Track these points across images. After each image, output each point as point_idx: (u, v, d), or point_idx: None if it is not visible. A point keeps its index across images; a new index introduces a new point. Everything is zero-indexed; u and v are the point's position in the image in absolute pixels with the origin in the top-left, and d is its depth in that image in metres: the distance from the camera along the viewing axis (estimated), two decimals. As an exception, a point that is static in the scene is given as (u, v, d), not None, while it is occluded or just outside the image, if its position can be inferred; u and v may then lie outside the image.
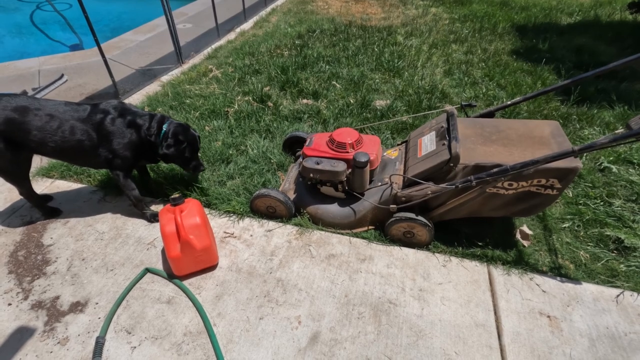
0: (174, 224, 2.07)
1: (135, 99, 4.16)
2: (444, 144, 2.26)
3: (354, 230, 2.56)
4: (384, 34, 6.10)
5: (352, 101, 4.07)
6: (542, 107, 4.00)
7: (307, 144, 2.62)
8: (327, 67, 4.84)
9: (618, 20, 6.87)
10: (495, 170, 2.01)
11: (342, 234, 2.54)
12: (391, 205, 2.38)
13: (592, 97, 4.12)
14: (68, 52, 6.71)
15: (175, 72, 4.79)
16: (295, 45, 5.49)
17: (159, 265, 2.30)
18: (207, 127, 3.51)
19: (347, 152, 2.46)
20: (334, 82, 4.43)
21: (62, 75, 4.56)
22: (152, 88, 4.40)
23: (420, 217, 2.30)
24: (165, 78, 4.66)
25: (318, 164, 2.43)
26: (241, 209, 2.65)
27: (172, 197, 2.17)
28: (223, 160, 3.10)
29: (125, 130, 2.35)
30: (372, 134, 3.40)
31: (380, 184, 2.52)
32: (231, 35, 6.15)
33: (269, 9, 7.69)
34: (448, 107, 2.51)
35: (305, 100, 4.10)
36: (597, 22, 6.86)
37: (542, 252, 2.45)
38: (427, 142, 2.44)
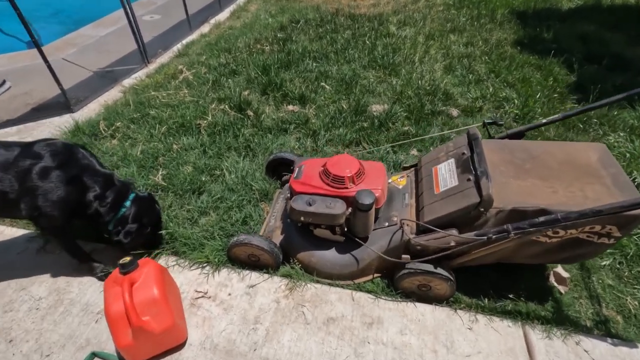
0: (122, 302, 1.55)
1: (90, 110, 3.55)
2: (469, 180, 1.79)
3: (357, 281, 2.09)
4: (375, 24, 5.54)
5: (344, 106, 3.55)
6: (557, 107, 3.56)
7: (295, 175, 2.11)
8: (314, 64, 4.28)
9: (620, 4, 6.46)
10: (541, 220, 1.55)
11: (342, 286, 2.07)
12: (403, 256, 1.91)
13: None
14: (21, 50, 5.93)
15: (140, 75, 4.16)
16: (278, 39, 4.89)
17: (111, 345, 1.79)
18: (175, 146, 2.94)
19: (347, 188, 1.97)
20: (323, 83, 3.89)
21: (4, 82, 3.89)
22: (112, 95, 3.79)
23: (440, 270, 1.84)
24: (127, 82, 4.03)
25: (310, 204, 1.93)
26: (216, 259, 2.15)
27: (121, 262, 1.66)
28: (194, 190, 2.56)
29: (62, 187, 1.79)
30: (373, 158, 2.92)
31: (387, 224, 2.05)
32: (205, 28, 5.49)
33: (247, -5, 6.99)
34: (470, 129, 2.03)
35: (290, 107, 3.56)
36: (598, 6, 6.43)
37: (583, 299, 2.03)
38: (445, 173, 1.96)
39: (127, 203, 1.95)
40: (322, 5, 6.48)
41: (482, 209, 1.67)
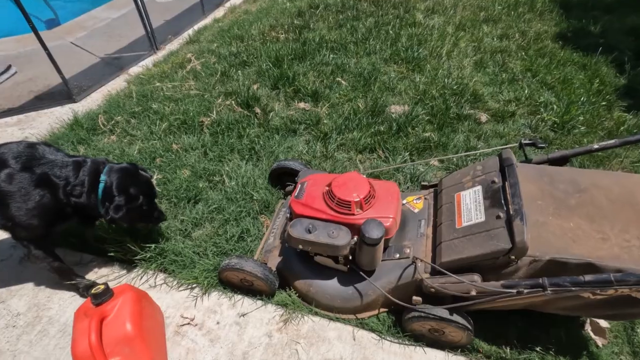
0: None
1: (93, 101, 3.39)
2: (498, 217, 1.50)
3: (360, 316, 1.86)
4: (401, 11, 5.10)
5: (360, 106, 3.25)
6: (603, 116, 3.13)
7: (296, 193, 1.87)
8: (331, 56, 3.96)
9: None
10: (587, 279, 1.26)
11: (342, 321, 1.84)
12: (414, 297, 1.65)
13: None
14: (40, 30, 5.81)
15: (147, 62, 3.96)
16: (294, 27, 4.57)
17: (85, 374, 1.64)
18: (174, 146, 2.74)
19: (353, 215, 1.71)
20: (339, 79, 3.58)
21: (10, 67, 3.77)
22: (116, 85, 3.61)
23: (456, 318, 1.58)
24: (134, 70, 3.84)
25: (310, 231, 1.69)
26: (206, 281, 1.95)
27: (93, 291, 1.48)
28: (190, 198, 2.36)
29: (32, 190, 1.61)
30: (388, 168, 2.63)
31: (398, 255, 1.79)
32: (219, 12, 5.21)
33: (266, -23, 6.61)
34: (503, 151, 1.72)
35: (302, 104, 3.29)
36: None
37: (624, 355, 1.73)
38: (470, 204, 1.67)
39: (103, 177, 1.74)
40: (345, -11, 6.05)
41: (513, 257, 1.39)
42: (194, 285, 1.97)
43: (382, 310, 1.87)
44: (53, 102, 3.36)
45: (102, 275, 2.03)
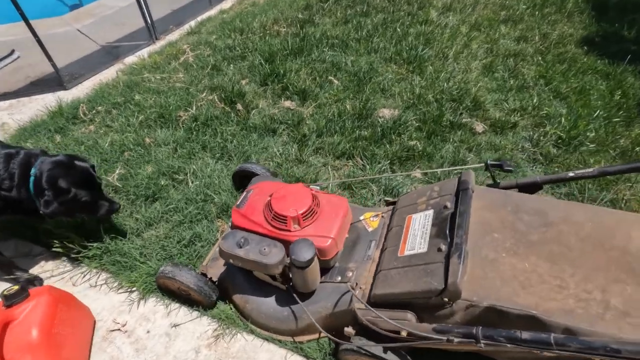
0: (-9, 344, 1.32)
1: (83, 89, 3.40)
2: (439, 250, 1.31)
3: (297, 339, 1.72)
4: (414, 7, 4.81)
5: (348, 107, 3.06)
6: (619, 133, 2.79)
7: (239, 201, 1.74)
8: (330, 53, 3.78)
9: None
10: (524, 337, 1.05)
11: (277, 343, 1.71)
12: (346, 329, 1.49)
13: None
14: (63, 14, 5.95)
15: (144, 52, 3.93)
16: (298, 21, 4.40)
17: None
18: (147, 139, 2.68)
19: (289, 232, 1.56)
20: (331, 77, 3.40)
21: (13, 52, 3.86)
22: (109, 73, 3.61)
23: (390, 357, 1.40)
24: (129, 59, 3.83)
25: (241, 246, 1.55)
26: (144, 286, 1.87)
27: (5, 292, 1.42)
28: (148, 196, 2.29)
29: None
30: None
31: (339, 278, 1.63)
32: (226, 4, 5.13)
33: (282, -32, 6.46)
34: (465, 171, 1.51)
35: (287, 103, 3.14)
36: None
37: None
38: (418, 229, 1.48)
39: (33, 170, 1.68)
40: (361, -18, 5.80)
41: (446, 299, 1.20)
42: (133, 289, 1.89)
43: (323, 335, 1.72)
44: (46, 88, 3.40)
45: (47, 269, 2.00)
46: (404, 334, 1.29)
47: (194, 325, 1.77)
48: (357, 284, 1.55)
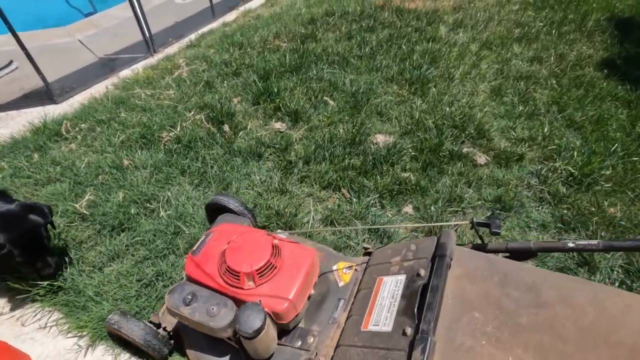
0: None
1: (74, 103, 3.32)
2: (404, 333, 1.09)
3: (255, 407, 1.52)
4: (423, 23, 4.61)
5: (341, 131, 2.87)
6: (639, 172, 2.50)
7: (195, 247, 1.56)
8: (328, 71, 3.61)
9: None
10: None
11: (230, 409, 1.52)
12: (299, 408, 1.29)
13: None
14: (78, 20, 5.97)
15: (139, 66, 3.86)
16: (299, 36, 4.26)
17: None
18: (125, 161, 2.56)
19: (241, 289, 1.38)
20: (327, 98, 3.23)
21: (11, 62, 3.84)
22: (101, 87, 3.53)
23: None
24: (124, 73, 3.75)
25: (188, 303, 1.38)
26: (94, 332, 1.71)
27: None
28: (114, 226, 2.15)
29: None
30: (352, 211, 2.25)
31: (300, 342, 1.43)
32: (230, 16, 5.04)
33: (292, -20, 6.36)
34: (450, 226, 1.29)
35: (278, 124, 2.98)
36: None
37: None
38: (386, 298, 1.27)
39: None
40: (371, -5, 5.64)
41: (406, 400, 0.99)
42: (83, 334, 1.74)
43: (281, 404, 1.52)
44: (37, 101, 3.35)
45: (-1, 305, 1.87)
46: None
47: (141, 380, 1.60)
48: (317, 354, 1.35)
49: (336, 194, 2.42)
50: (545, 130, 2.87)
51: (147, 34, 3.94)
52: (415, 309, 1.12)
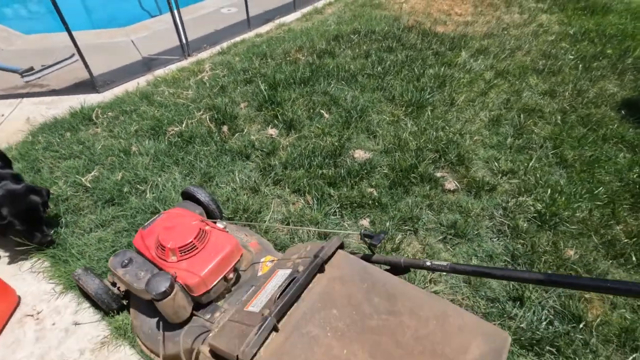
0: None
1: (112, 94, 3.87)
2: (263, 315, 1.28)
3: (169, 365, 1.77)
4: (446, 47, 4.67)
5: (327, 142, 3.07)
6: (619, 218, 2.40)
7: (146, 223, 1.87)
8: (335, 86, 3.82)
9: None
10: None
11: (151, 364, 1.78)
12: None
13: None
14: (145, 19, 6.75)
15: (173, 67, 4.36)
16: (319, 51, 4.53)
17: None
18: (133, 147, 2.98)
19: (166, 262, 1.65)
20: (322, 111, 3.44)
21: (73, 55, 4.53)
22: (136, 83, 4.05)
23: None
24: (158, 72, 4.27)
25: (123, 265, 1.68)
26: (67, 282, 2.08)
27: None
28: (107, 200, 2.54)
29: None
30: (312, 218, 2.45)
31: (208, 316, 1.66)
32: (264, 28, 5.46)
33: (334, -4, 6.69)
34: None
35: (272, 130, 3.26)
36: None
37: None
38: (270, 288, 1.46)
39: None
40: (405, 16, 5.78)
41: (241, 368, 1.17)
42: (59, 283, 2.12)
43: (193, 367, 1.75)
44: (83, 90, 3.95)
45: (2, 251, 2.31)
46: (215, 389, 1.28)
47: (91, 327, 1.92)
48: (216, 326, 1.56)
49: (302, 199, 2.62)
50: (530, 164, 2.84)
51: (184, 40, 4.46)
52: (277, 296, 1.31)
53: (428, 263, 1.31)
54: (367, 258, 1.51)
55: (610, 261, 2.19)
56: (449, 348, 1.15)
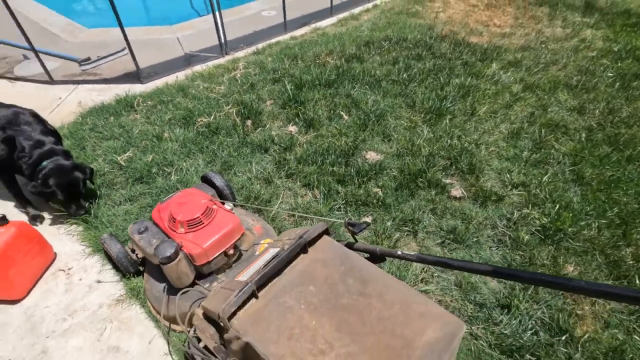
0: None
1: (153, 85, 4.24)
2: (248, 284, 1.44)
3: (173, 327, 1.99)
4: (477, 57, 4.65)
5: (342, 142, 3.21)
6: (630, 239, 2.34)
7: (165, 199, 2.11)
8: (358, 90, 3.96)
9: None
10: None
11: (157, 323, 2.01)
12: (177, 328, 1.71)
13: None
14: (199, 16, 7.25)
15: (210, 64, 4.69)
16: (349, 56, 4.68)
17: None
18: (165, 134, 3.28)
19: (175, 232, 1.86)
20: (342, 112, 3.59)
21: (124, 49, 4.99)
22: (175, 77, 4.41)
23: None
24: (197, 68, 4.61)
25: (140, 232, 1.92)
26: (96, 246, 2.37)
27: (-7, 217, 2.04)
28: (137, 178, 2.83)
29: None
30: (318, 212, 2.60)
31: (207, 285, 1.86)
32: (300, 31, 5.69)
33: (370, 4, 6.82)
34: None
35: (292, 127, 3.45)
36: None
37: None
38: (260, 262, 1.62)
39: (44, 163, 2.34)
40: (440, 26, 5.79)
41: (223, 324, 1.34)
42: (89, 246, 2.41)
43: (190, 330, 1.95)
44: (129, 80, 4.36)
45: (52, 214, 2.66)
46: (211, 346, 1.47)
47: (111, 286, 2.19)
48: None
49: (311, 193, 2.78)
50: (544, 179, 2.81)
51: (222, 39, 4.78)
52: (261, 266, 1.47)
53: (399, 252, 1.42)
54: (349, 245, 1.63)
55: (612, 281, 2.15)
56: (408, 330, 1.25)
